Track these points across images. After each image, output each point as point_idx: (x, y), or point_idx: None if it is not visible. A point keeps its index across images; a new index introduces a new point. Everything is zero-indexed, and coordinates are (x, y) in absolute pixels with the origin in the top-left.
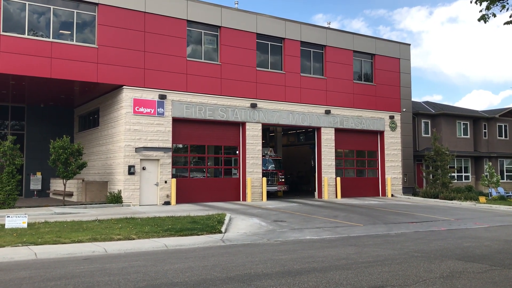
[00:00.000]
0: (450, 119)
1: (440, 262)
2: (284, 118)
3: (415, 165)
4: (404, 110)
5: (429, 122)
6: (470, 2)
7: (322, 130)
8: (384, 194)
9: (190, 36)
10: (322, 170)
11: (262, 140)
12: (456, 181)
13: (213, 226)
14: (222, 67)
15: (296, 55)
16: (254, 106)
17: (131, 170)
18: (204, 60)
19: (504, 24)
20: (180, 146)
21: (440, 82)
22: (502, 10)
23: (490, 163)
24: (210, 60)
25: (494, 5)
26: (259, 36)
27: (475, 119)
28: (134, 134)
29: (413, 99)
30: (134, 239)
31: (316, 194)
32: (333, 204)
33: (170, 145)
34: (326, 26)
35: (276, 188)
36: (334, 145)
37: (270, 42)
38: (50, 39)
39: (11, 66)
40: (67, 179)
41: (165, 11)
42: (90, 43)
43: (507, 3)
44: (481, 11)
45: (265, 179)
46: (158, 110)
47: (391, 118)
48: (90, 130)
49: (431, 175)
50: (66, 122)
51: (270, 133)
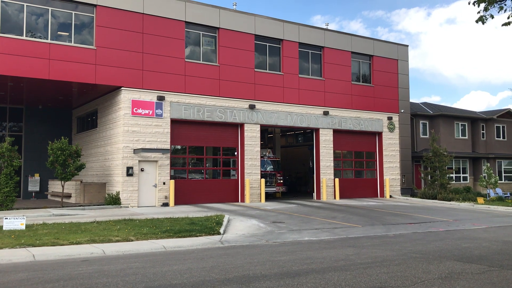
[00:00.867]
0: (448, 120)
1: (438, 263)
2: (282, 119)
3: (413, 166)
4: (402, 111)
5: (427, 123)
6: (468, 4)
7: (321, 131)
8: (382, 195)
9: (188, 37)
10: (321, 171)
11: (261, 141)
12: (454, 182)
13: (211, 227)
14: (220, 68)
15: (294, 56)
16: (252, 107)
17: (130, 172)
18: (202, 61)
19: (502, 25)
20: (178, 147)
21: (438, 83)
22: (500, 11)
23: (488, 164)
24: (209, 61)
25: (492, 6)
26: (257, 37)
27: (473, 120)
28: (132, 136)
29: (411, 100)
30: (132, 241)
31: (314, 195)
32: (331, 205)
33: (168, 146)
34: (324, 27)
35: (274, 189)
36: (332, 146)
37: (268, 43)
38: (48, 41)
39: (9, 68)
40: (65, 181)
41: (163, 13)
42: (88, 45)
43: (505, 4)
44: (479, 13)
45: (263, 180)
46: (157, 111)
47: (389, 119)
48: (88, 132)
49: (429, 176)
50: (64, 123)
51: (268, 134)
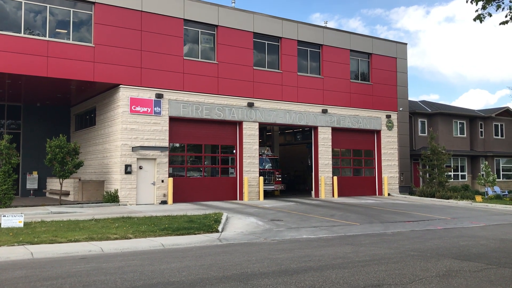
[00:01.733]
0: (447, 118)
1: (436, 261)
2: (281, 117)
3: (412, 164)
4: (401, 109)
5: (425, 121)
6: (466, 2)
7: (319, 129)
8: (380, 193)
9: (187, 35)
10: (319, 169)
11: (259, 139)
12: (452, 180)
13: (210, 225)
14: (219, 66)
15: (293, 54)
16: (251, 105)
17: (128, 169)
18: (201, 59)
19: (499, 24)
20: (177, 145)
21: (437, 81)
22: (498, 10)
23: (487, 162)
24: (207, 59)
25: (490, 4)
26: (256, 35)
27: (472, 118)
28: (131, 133)
29: (410, 99)
30: (130, 238)
31: (313, 193)
32: (330, 203)
33: (167, 144)
34: (323, 25)
35: (273, 187)
36: (331, 144)
37: (267, 41)
38: (47, 38)
39: (7, 65)
40: (64, 178)
41: (162, 10)
42: (87, 42)
43: (503, 3)
44: (477, 11)
45: (262, 178)
46: (155, 109)
47: (388, 117)
48: (86, 129)
49: (428, 174)
50: (62, 121)
51: (267, 132)
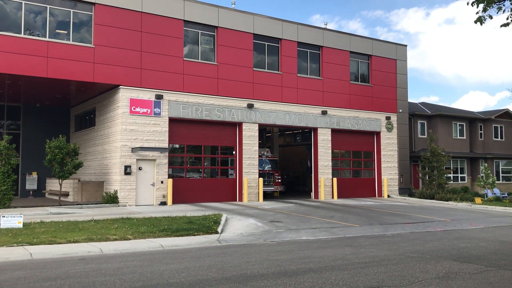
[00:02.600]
0: (446, 120)
1: (436, 263)
2: (280, 119)
3: (411, 166)
4: (400, 111)
5: (425, 123)
6: (467, 4)
7: (319, 131)
8: (380, 194)
9: (187, 36)
10: (319, 171)
11: (259, 140)
12: (452, 182)
13: (209, 226)
14: (219, 67)
15: (293, 56)
16: (250, 106)
17: (127, 170)
18: (201, 60)
19: (500, 26)
20: (176, 146)
21: (436, 83)
22: (499, 12)
23: (486, 164)
24: (207, 60)
25: (491, 7)
26: (256, 36)
27: (471, 120)
28: (131, 134)
29: (409, 100)
30: (130, 239)
31: (312, 194)
32: (329, 204)
33: (166, 145)
34: (323, 26)
35: (272, 188)
36: (330, 145)
37: (267, 43)
38: (47, 39)
39: (7, 66)
40: (63, 179)
41: (162, 11)
42: (87, 43)
43: (504, 5)
44: (477, 13)
45: (261, 180)
46: (155, 110)
47: (388, 119)
48: (86, 130)
49: (427, 176)
50: (62, 121)
51: (266, 133)
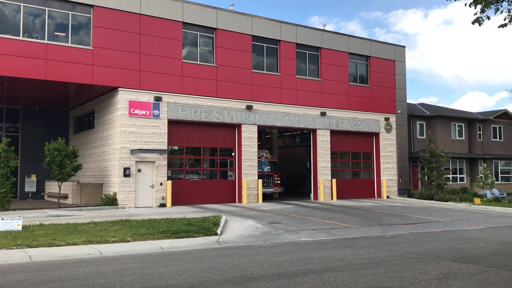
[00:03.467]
0: (445, 121)
1: (435, 264)
2: (279, 120)
3: (410, 166)
4: (399, 112)
5: (424, 124)
6: (465, 5)
7: (318, 132)
8: (379, 195)
9: (185, 38)
10: (318, 172)
11: (258, 142)
12: (451, 182)
13: (208, 228)
14: (217, 69)
15: (291, 57)
16: (249, 108)
17: (127, 172)
18: (199, 62)
19: (498, 27)
20: (175, 148)
21: (435, 84)
22: (497, 13)
23: (485, 165)
24: (206, 62)
25: (489, 8)
26: (255, 38)
27: (470, 121)
28: (130, 136)
29: (408, 101)
30: (129, 242)
31: (311, 196)
32: (328, 206)
33: (165, 147)
34: (322, 28)
35: (271, 190)
36: (329, 147)
37: (265, 44)
38: (45, 41)
39: (6, 68)
40: (62, 181)
41: (160, 13)
42: (86, 45)
43: (501, 6)
44: (475, 14)
45: (260, 181)
46: (154, 112)
47: (386, 120)
48: (85, 132)
49: (426, 177)
50: (61, 124)
51: (265, 135)
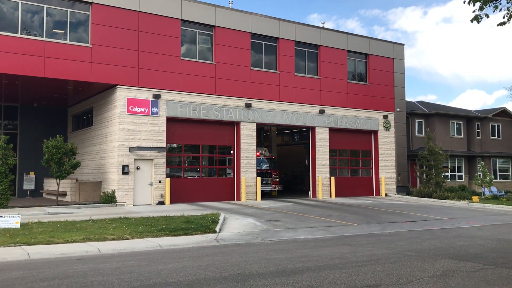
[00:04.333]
0: (444, 119)
1: (433, 261)
2: (278, 118)
3: (409, 164)
4: (398, 109)
5: (422, 121)
6: (464, 3)
7: (317, 130)
8: (378, 193)
9: (184, 35)
10: (317, 170)
11: (257, 139)
12: (449, 180)
13: (207, 225)
14: (216, 67)
15: (290, 55)
16: (248, 105)
17: (125, 170)
18: (198, 59)
19: (497, 25)
20: (174, 145)
21: (434, 82)
22: (495, 11)
23: (483, 163)
24: (205, 59)
25: (487, 5)
26: (254, 35)
27: (469, 119)
28: (128, 134)
29: (407, 99)
30: (128, 239)
31: (310, 193)
32: (327, 203)
33: (164, 144)
34: (321, 25)
35: (270, 187)
36: (328, 144)
37: (264, 42)
38: (44, 38)
39: (4, 65)
40: (61, 179)
41: (159, 11)
42: (84, 43)
43: (500, 4)
44: (474, 12)
45: (259, 179)
46: (152, 109)
47: (385, 117)
48: (83, 130)
49: (425, 175)
50: (59, 121)
51: (264, 132)
